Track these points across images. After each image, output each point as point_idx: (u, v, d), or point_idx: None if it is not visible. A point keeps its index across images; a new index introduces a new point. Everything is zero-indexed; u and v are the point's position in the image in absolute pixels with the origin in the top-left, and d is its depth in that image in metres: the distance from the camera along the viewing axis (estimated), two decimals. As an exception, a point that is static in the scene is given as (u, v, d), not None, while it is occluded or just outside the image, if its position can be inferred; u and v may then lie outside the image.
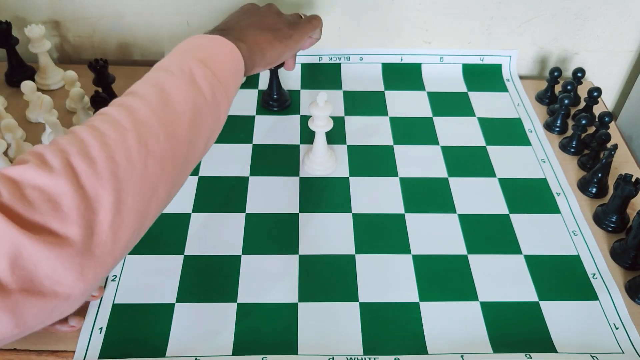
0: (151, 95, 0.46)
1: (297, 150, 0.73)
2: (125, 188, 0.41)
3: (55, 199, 0.38)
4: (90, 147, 0.41)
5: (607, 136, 0.69)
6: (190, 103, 0.47)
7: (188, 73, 0.48)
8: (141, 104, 0.45)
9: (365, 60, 0.86)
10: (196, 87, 0.48)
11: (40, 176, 0.39)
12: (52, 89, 0.81)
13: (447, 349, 0.53)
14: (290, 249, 0.61)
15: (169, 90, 0.47)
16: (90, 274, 0.40)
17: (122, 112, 0.44)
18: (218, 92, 0.50)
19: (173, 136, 0.45)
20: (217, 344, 0.53)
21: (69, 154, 0.40)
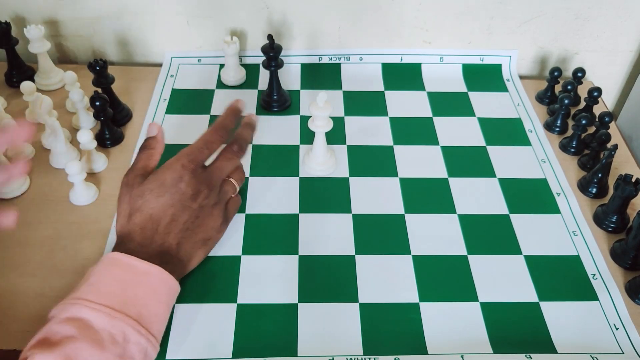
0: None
1: (297, 151, 0.73)
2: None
3: None
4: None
5: (607, 136, 0.69)
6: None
7: (122, 344, 0.45)
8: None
9: (365, 60, 0.86)
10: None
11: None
12: (51, 89, 0.81)
13: (447, 349, 0.53)
14: (290, 249, 0.61)
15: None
16: None
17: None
18: (150, 351, 0.47)
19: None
20: (217, 344, 0.53)
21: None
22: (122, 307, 0.46)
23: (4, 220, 0.49)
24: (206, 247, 0.58)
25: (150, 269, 0.50)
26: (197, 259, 0.57)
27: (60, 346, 0.43)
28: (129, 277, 0.49)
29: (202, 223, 0.57)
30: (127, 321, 0.46)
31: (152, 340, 0.47)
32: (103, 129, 0.72)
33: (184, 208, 0.55)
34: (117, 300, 0.47)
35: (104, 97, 0.68)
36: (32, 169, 0.69)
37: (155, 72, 0.85)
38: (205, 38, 0.86)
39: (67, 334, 0.44)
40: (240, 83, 0.83)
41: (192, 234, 0.56)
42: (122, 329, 0.45)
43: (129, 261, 0.50)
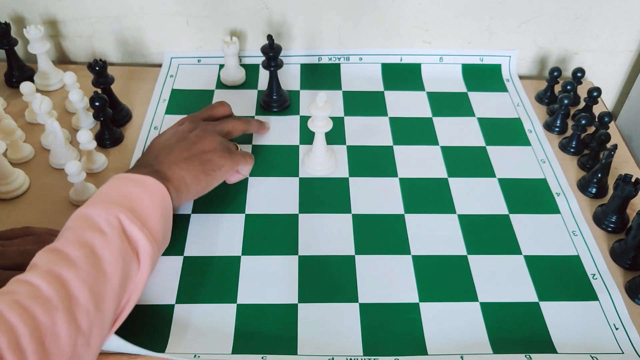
0: (82, 260, 0.46)
1: (297, 151, 0.73)
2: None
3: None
4: (21, 336, 0.40)
5: (606, 136, 0.69)
6: (121, 263, 0.48)
7: (118, 228, 0.49)
8: (72, 275, 0.45)
9: (364, 61, 0.86)
10: (125, 243, 0.49)
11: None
12: (51, 89, 0.81)
13: (447, 350, 0.53)
14: (289, 249, 0.61)
15: (99, 251, 0.47)
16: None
17: (51, 285, 0.44)
18: (144, 244, 0.50)
19: (102, 307, 0.46)
20: (217, 344, 0.53)
21: (0, 347, 0.39)
22: (116, 201, 0.51)
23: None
24: (205, 167, 0.59)
25: (143, 178, 0.54)
26: (193, 178, 0.58)
27: (64, 235, 0.48)
28: (122, 184, 0.53)
29: (199, 147, 0.60)
30: (120, 209, 0.50)
31: (145, 233, 0.50)
32: (103, 129, 0.72)
33: (180, 139, 0.61)
34: (112, 197, 0.51)
35: (104, 98, 0.68)
36: (32, 169, 0.69)
37: (155, 72, 0.85)
38: (205, 38, 0.86)
39: (68, 226, 0.49)
40: (240, 83, 0.83)
41: (187, 155, 0.59)
42: (116, 214, 0.49)
43: (124, 175, 0.54)
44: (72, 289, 0.44)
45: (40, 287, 0.43)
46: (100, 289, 0.46)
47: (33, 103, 0.67)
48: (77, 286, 0.44)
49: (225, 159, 0.61)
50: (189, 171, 0.58)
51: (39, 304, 0.42)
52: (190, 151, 0.60)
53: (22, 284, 0.44)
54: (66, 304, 0.43)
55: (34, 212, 0.64)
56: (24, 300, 0.42)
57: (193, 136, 0.61)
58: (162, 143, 0.61)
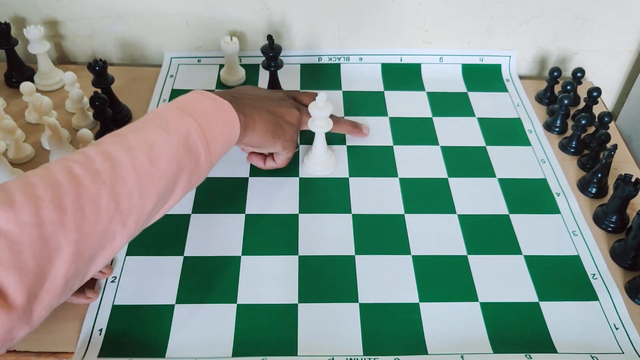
0: (140, 150, 0.48)
1: (297, 151, 0.72)
2: (86, 240, 0.44)
3: (18, 247, 0.40)
4: (65, 196, 0.43)
5: (606, 136, 0.69)
6: (174, 166, 0.50)
7: (184, 135, 0.50)
8: (126, 159, 0.47)
9: (364, 61, 0.86)
10: (186, 151, 0.50)
11: (7, 223, 0.40)
12: (51, 89, 0.81)
13: (447, 350, 0.53)
14: (289, 249, 0.61)
15: (159, 148, 0.49)
16: (35, 315, 0.42)
17: (105, 162, 0.46)
18: (204, 161, 0.52)
19: (145, 195, 0.48)
20: (217, 345, 0.53)
21: (43, 200, 0.42)
22: (191, 113, 0.52)
23: (84, 300, 0.55)
24: (276, 128, 0.62)
25: (223, 101, 0.56)
26: (262, 129, 0.60)
27: (133, 125, 0.51)
28: (203, 98, 0.55)
29: (282, 112, 0.64)
30: (192, 122, 0.52)
31: (206, 150, 0.52)
32: (103, 129, 0.72)
33: (270, 98, 0.65)
34: (189, 107, 0.53)
35: (104, 98, 0.68)
36: (32, 169, 0.68)
37: (155, 72, 0.85)
38: (205, 38, 0.86)
39: (140, 119, 0.51)
40: (240, 83, 0.83)
41: (269, 109, 0.62)
42: (187, 126, 0.51)
43: (210, 94, 0.56)
44: (122, 171, 0.46)
45: (95, 160, 0.46)
46: (149, 181, 0.48)
47: (33, 103, 0.67)
48: (127, 170, 0.47)
49: (293, 137, 0.65)
50: (263, 122, 0.60)
51: (89, 173, 0.45)
52: (274, 110, 0.63)
53: (79, 154, 0.46)
54: (113, 181, 0.45)
55: (34, 212, 0.64)
56: (76, 168, 0.45)
57: (282, 103, 0.65)
58: (255, 90, 0.66)
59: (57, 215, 0.42)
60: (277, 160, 0.67)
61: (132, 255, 0.60)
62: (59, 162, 0.45)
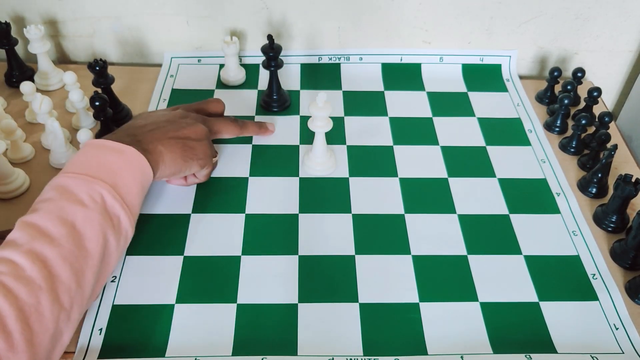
0: (64, 238, 0.46)
1: (297, 151, 0.73)
2: (38, 351, 0.43)
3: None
4: (7, 318, 0.41)
5: (607, 136, 0.69)
6: (102, 240, 0.49)
7: (100, 203, 0.49)
8: (53, 253, 0.45)
9: (364, 61, 0.86)
10: (107, 219, 0.49)
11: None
12: (51, 89, 0.81)
13: (447, 350, 0.53)
14: (290, 249, 0.61)
15: (81, 228, 0.48)
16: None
17: (34, 265, 0.44)
18: (125, 220, 0.51)
19: (83, 283, 0.47)
20: (217, 345, 0.53)
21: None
22: (98, 175, 0.51)
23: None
24: (185, 152, 0.59)
25: (123, 147, 0.54)
26: (172, 158, 0.58)
27: (44, 207, 0.48)
28: (103, 153, 0.53)
29: (185, 132, 0.61)
30: (103, 185, 0.50)
31: (125, 209, 0.51)
32: (103, 129, 0.72)
33: (169, 121, 0.61)
34: (93, 170, 0.51)
35: (104, 97, 0.68)
36: (32, 169, 0.69)
37: (155, 72, 0.85)
38: (205, 38, 0.86)
39: (48, 197, 0.49)
40: (240, 83, 0.83)
41: (172, 134, 0.59)
42: (99, 191, 0.50)
43: (103, 142, 0.54)
44: (55, 268, 0.45)
45: (24, 266, 0.44)
46: (82, 266, 0.47)
47: (33, 103, 0.67)
48: (59, 265, 0.45)
49: (205, 152, 0.62)
50: (170, 151, 0.58)
51: (22, 284, 0.43)
52: (177, 133, 0.60)
53: (4, 263, 0.44)
54: (49, 283, 0.44)
55: (34, 212, 0.64)
56: (8, 281, 0.43)
57: (183, 122, 0.62)
58: (151, 118, 0.62)
59: (4, 341, 0.41)
60: (198, 176, 0.66)
61: (132, 255, 0.60)
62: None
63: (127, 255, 0.60)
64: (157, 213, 0.64)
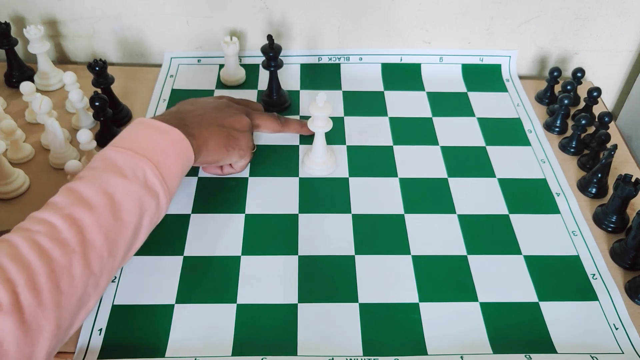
0: (102, 206, 0.48)
1: (297, 151, 0.73)
2: (65, 314, 0.44)
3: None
4: (38, 275, 0.42)
5: (606, 136, 0.69)
6: (137, 213, 0.50)
7: (142, 178, 0.51)
8: (90, 220, 0.46)
9: (364, 61, 0.86)
10: (146, 194, 0.50)
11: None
12: (51, 89, 0.81)
13: (447, 350, 0.53)
14: (289, 249, 0.61)
15: (120, 199, 0.49)
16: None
17: (71, 228, 0.45)
18: (163, 199, 0.52)
19: (115, 252, 0.48)
20: (217, 345, 0.53)
21: (17, 285, 0.41)
22: (144, 152, 0.52)
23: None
24: (228, 141, 0.62)
25: (169, 129, 0.55)
26: (214, 144, 0.60)
27: (88, 175, 0.49)
28: (151, 132, 0.54)
29: (231, 121, 0.63)
30: (147, 163, 0.51)
31: (164, 188, 0.52)
32: (103, 129, 0.72)
33: (216, 108, 0.63)
34: (140, 146, 0.52)
35: (104, 98, 0.68)
36: (32, 169, 0.69)
37: (155, 72, 0.85)
38: (205, 38, 0.86)
39: (93, 166, 0.50)
40: (240, 83, 0.83)
41: (218, 122, 0.61)
42: (143, 168, 0.51)
43: (151, 122, 0.55)
44: (90, 234, 0.46)
45: (60, 228, 0.45)
46: (116, 236, 0.48)
47: (33, 103, 0.67)
48: (94, 231, 0.46)
49: (247, 144, 0.65)
50: (214, 138, 0.60)
51: (57, 245, 0.44)
52: (222, 122, 0.62)
53: (42, 223, 0.45)
54: (83, 248, 0.45)
55: (34, 212, 0.64)
56: (44, 241, 0.44)
57: (229, 111, 0.64)
58: (199, 103, 0.64)
59: (33, 297, 0.41)
60: (235, 167, 0.67)
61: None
62: (24, 235, 0.44)
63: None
64: (157, 213, 0.64)
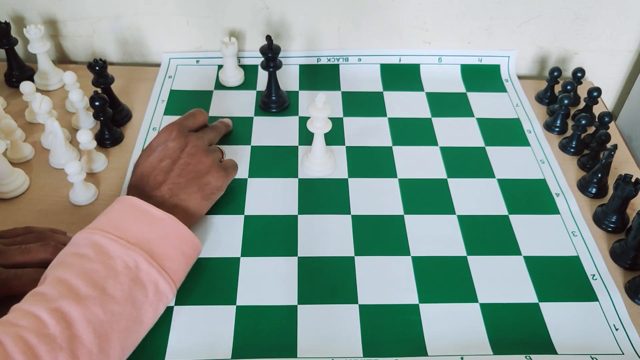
0: (92, 299, 0.46)
1: (296, 152, 0.72)
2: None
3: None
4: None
5: (606, 136, 0.69)
6: (129, 305, 0.48)
7: (133, 270, 0.49)
8: (79, 314, 0.45)
9: (363, 61, 0.86)
10: (139, 286, 0.49)
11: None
12: (51, 89, 0.81)
13: (447, 351, 0.53)
14: (289, 251, 0.61)
15: (111, 291, 0.47)
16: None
17: (59, 323, 0.44)
18: (162, 284, 0.51)
19: (106, 347, 0.46)
20: (216, 347, 0.53)
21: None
22: (136, 242, 0.51)
23: None
24: (204, 192, 0.60)
25: (164, 216, 0.54)
26: (196, 205, 0.59)
27: (78, 264, 0.48)
28: (144, 221, 0.53)
29: (194, 169, 0.60)
30: (140, 252, 0.50)
31: (163, 275, 0.51)
32: (103, 129, 0.72)
33: (173, 160, 0.59)
34: (132, 235, 0.51)
35: (104, 97, 0.68)
36: (32, 169, 0.69)
37: (155, 72, 0.85)
38: (205, 38, 0.86)
39: (83, 253, 0.49)
40: (239, 84, 0.83)
41: (184, 181, 0.59)
42: (135, 258, 0.50)
43: (145, 207, 0.54)
44: (78, 330, 0.44)
45: (47, 324, 0.43)
46: (107, 330, 0.46)
47: (33, 103, 0.67)
48: (83, 327, 0.45)
49: (222, 178, 0.62)
50: (191, 199, 0.59)
51: (44, 342, 0.42)
52: (187, 175, 0.59)
53: (29, 318, 0.44)
54: (70, 344, 0.43)
55: (34, 212, 0.64)
56: (29, 337, 0.42)
57: (186, 156, 0.60)
58: (155, 165, 0.59)
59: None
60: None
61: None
62: (10, 332, 0.42)
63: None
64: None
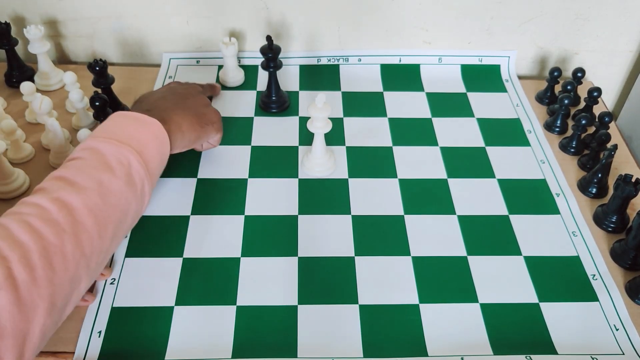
0: (90, 190, 0.48)
1: (296, 152, 0.72)
2: (58, 291, 0.44)
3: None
4: (31, 252, 0.43)
5: (607, 136, 0.69)
6: (123, 198, 0.51)
7: (126, 167, 0.52)
8: (80, 202, 0.47)
9: (363, 62, 0.86)
10: (131, 182, 0.52)
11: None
12: (51, 89, 0.81)
13: (447, 351, 0.53)
14: (289, 251, 0.61)
15: (107, 184, 0.50)
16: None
17: (61, 210, 0.46)
18: (146, 185, 0.53)
19: (104, 235, 0.49)
20: (217, 347, 0.53)
21: (11, 262, 0.41)
22: (127, 141, 0.53)
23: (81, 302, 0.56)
24: (200, 119, 0.63)
25: (152, 120, 0.57)
26: (189, 126, 0.61)
27: (74, 164, 0.50)
28: (133, 124, 0.56)
29: (192, 101, 0.65)
30: (131, 150, 0.52)
31: (147, 176, 0.54)
32: (102, 130, 0.72)
33: (173, 92, 0.66)
34: (123, 136, 0.54)
35: (104, 98, 0.68)
36: (32, 169, 0.69)
37: (155, 72, 0.85)
38: (205, 38, 0.86)
39: (78, 156, 0.51)
40: (239, 84, 0.83)
41: (183, 107, 0.63)
42: (127, 156, 0.52)
43: (134, 114, 0.57)
44: (80, 216, 0.47)
45: (50, 210, 0.45)
46: (104, 219, 0.49)
47: (33, 103, 0.67)
48: (84, 213, 0.47)
49: (217, 115, 0.66)
50: (185, 120, 0.61)
51: (48, 225, 0.44)
52: (185, 103, 0.63)
53: (31, 206, 0.46)
54: (74, 229, 0.46)
55: (33, 213, 0.64)
56: (34, 221, 0.44)
57: (184, 91, 0.66)
58: (156, 94, 0.65)
59: (27, 274, 0.42)
60: (212, 142, 0.68)
61: (132, 257, 0.60)
62: (14, 218, 0.45)
63: (126, 257, 0.60)
64: (156, 215, 0.64)
